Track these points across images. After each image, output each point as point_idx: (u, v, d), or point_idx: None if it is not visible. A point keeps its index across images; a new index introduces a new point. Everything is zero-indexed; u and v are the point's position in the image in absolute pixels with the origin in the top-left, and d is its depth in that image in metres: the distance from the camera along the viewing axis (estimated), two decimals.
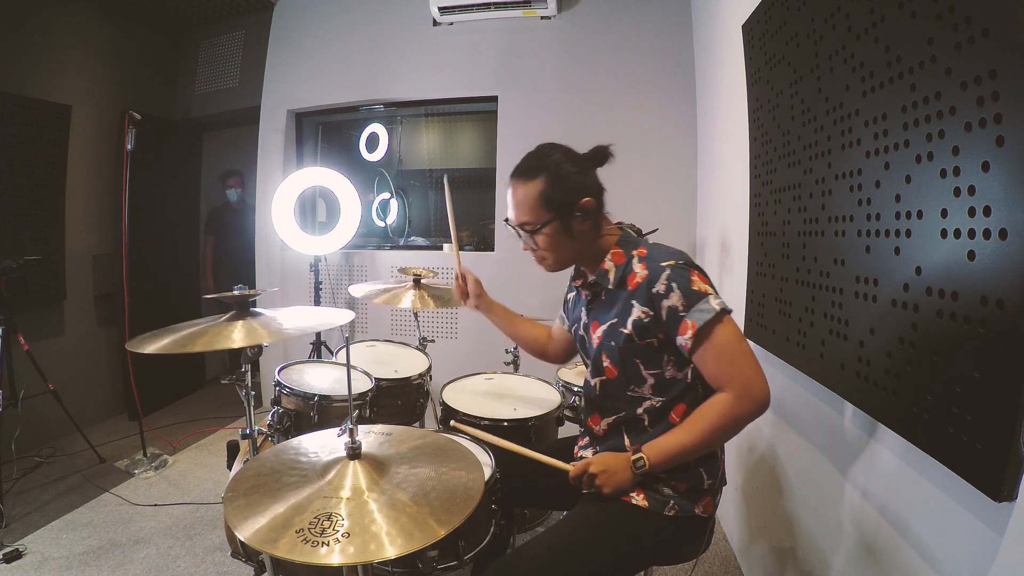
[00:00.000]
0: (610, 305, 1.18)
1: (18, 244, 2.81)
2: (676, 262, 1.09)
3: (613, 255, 1.19)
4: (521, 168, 1.19)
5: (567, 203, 1.14)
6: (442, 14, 3.10)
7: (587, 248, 1.20)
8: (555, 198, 1.14)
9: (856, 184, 1.10)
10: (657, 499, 1.14)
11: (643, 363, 1.14)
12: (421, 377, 1.99)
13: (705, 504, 1.16)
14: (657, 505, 1.13)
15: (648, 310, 1.09)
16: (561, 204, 1.14)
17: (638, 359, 1.14)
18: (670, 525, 1.13)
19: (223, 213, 4.10)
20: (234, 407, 3.68)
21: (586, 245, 1.19)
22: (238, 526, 0.83)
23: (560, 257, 1.21)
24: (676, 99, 2.90)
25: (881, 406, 1.02)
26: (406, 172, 3.74)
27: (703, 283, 1.07)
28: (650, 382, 1.14)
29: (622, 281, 1.16)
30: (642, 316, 1.10)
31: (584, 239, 1.18)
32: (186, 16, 3.80)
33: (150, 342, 1.23)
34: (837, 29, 1.16)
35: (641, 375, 1.14)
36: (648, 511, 1.13)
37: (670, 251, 1.14)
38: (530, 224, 1.17)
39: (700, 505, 1.15)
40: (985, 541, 0.79)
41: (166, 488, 2.58)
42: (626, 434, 1.19)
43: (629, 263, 1.16)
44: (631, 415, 1.18)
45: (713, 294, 1.06)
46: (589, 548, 1.10)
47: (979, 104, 0.75)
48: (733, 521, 2.14)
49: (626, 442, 1.19)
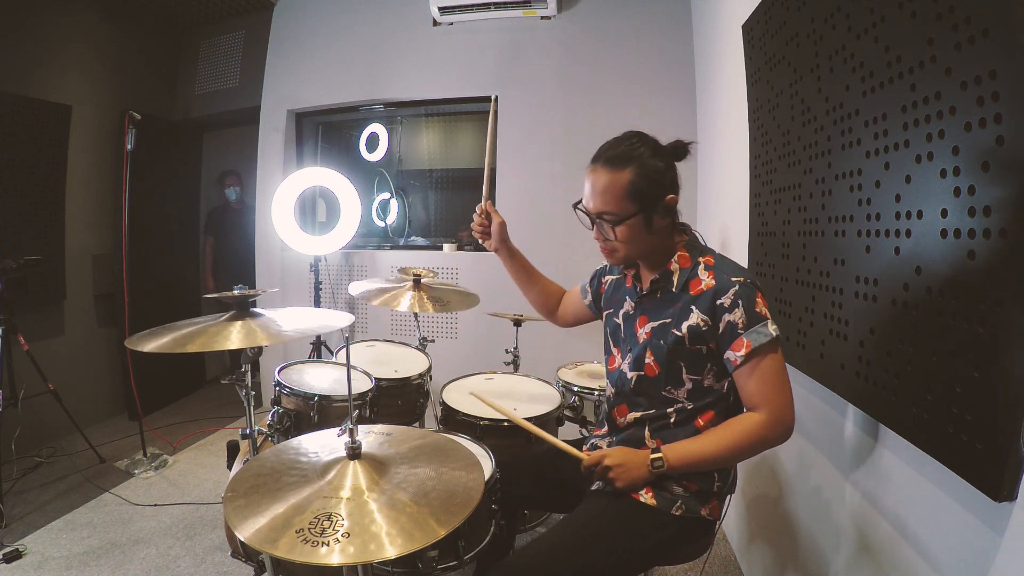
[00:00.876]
0: (666, 305, 1.17)
1: (18, 244, 2.81)
2: (745, 280, 1.08)
3: (680, 258, 1.17)
4: (608, 155, 1.12)
5: (654, 197, 1.10)
6: (442, 14, 3.10)
7: (660, 245, 1.17)
8: (643, 191, 1.09)
9: (856, 184, 1.10)
10: (666, 497, 1.14)
11: (687, 367, 1.14)
12: (421, 377, 1.99)
13: (712, 507, 1.16)
14: (665, 504, 1.13)
15: (708, 319, 1.09)
16: (648, 198, 1.10)
17: (683, 362, 1.14)
18: (675, 524, 1.13)
19: (223, 213, 4.10)
20: (234, 407, 3.68)
21: (660, 242, 1.16)
22: (238, 526, 0.83)
23: (633, 251, 1.16)
24: (676, 99, 2.90)
25: (881, 406, 1.02)
26: (406, 172, 3.74)
27: (764, 307, 1.08)
28: (687, 386, 1.15)
29: (685, 285, 1.15)
30: (700, 323, 1.10)
31: (661, 236, 1.15)
32: (186, 16, 3.80)
33: (149, 340, 1.23)
34: (837, 29, 1.16)
35: (681, 378, 1.15)
36: (655, 509, 1.13)
37: (738, 267, 1.13)
38: (611, 215, 1.11)
39: (707, 507, 1.15)
40: (985, 541, 0.79)
41: (166, 488, 2.58)
42: (649, 430, 1.20)
43: (695, 268, 1.14)
44: (660, 413, 1.18)
45: (770, 320, 1.06)
46: (594, 545, 1.10)
47: (979, 104, 0.75)
48: (733, 521, 2.14)
49: (646, 436, 1.19)
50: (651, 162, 1.10)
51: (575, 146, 3.03)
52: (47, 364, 2.67)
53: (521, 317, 2.12)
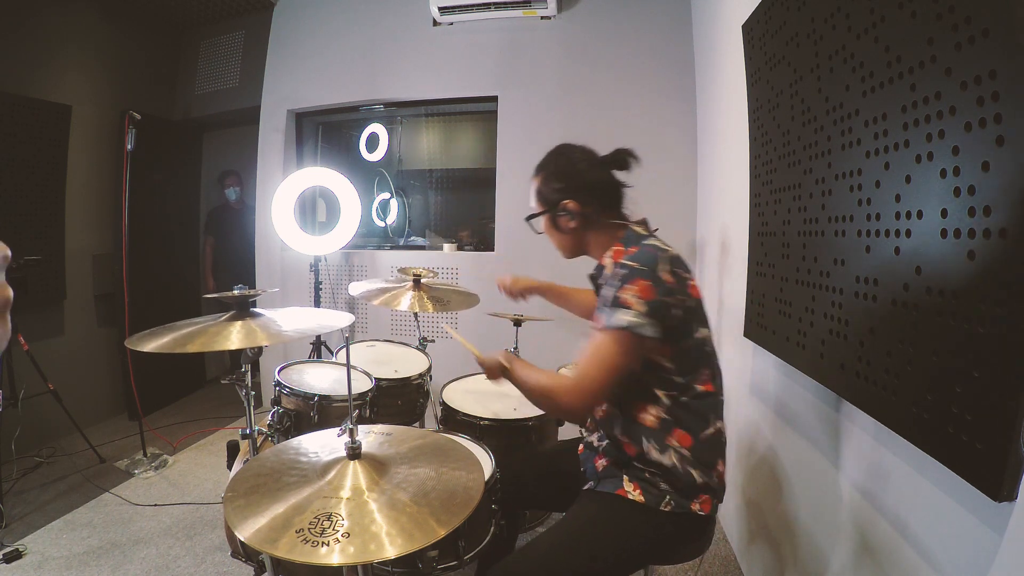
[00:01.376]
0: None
1: (18, 244, 2.79)
2: (637, 265, 1.09)
3: (615, 251, 1.21)
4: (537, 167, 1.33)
5: (553, 201, 1.26)
6: (442, 14, 3.10)
7: (579, 242, 1.29)
8: (544, 196, 1.28)
9: (856, 184, 1.10)
10: (653, 494, 1.14)
11: None
12: (421, 377, 1.99)
13: (703, 502, 1.16)
14: (653, 500, 1.14)
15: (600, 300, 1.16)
16: (548, 201, 1.27)
17: None
18: (668, 521, 1.14)
19: (223, 213, 4.10)
20: (234, 407, 3.68)
21: (577, 240, 1.28)
22: (238, 526, 0.83)
23: (557, 244, 1.32)
24: (676, 99, 2.90)
25: (881, 406, 1.02)
26: (406, 172, 3.74)
27: (639, 297, 1.05)
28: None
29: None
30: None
31: (574, 235, 1.27)
32: (186, 16, 3.80)
33: (149, 340, 1.23)
34: (837, 29, 1.16)
35: None
36: (645, 507, 1.14)
37: (648, 255, 1.12)
38: (530, 213, 1.32)
39: (697, 502, 1.15)
40: (985, 541, 0.79)
41: (166, 488, 2.58)
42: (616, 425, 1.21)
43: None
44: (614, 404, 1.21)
45: (635, 311, 1.05)
46: (592, 545, 1.11)
47: (979, 104, 0.75)
48: (733, 521, 2.14)
49: (617, 432, 1.20)
50: (557, 170, 1.27)
51: None
52: (47, 364, 2.67)
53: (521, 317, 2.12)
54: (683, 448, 1.13)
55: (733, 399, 2.13)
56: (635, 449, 1.17)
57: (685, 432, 1.13)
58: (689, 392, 1.13)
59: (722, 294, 2.30)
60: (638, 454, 1.16)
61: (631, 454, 1.18)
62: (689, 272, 1.15)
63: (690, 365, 1.13)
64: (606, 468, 1.23)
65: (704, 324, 1.16)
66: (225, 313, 1.39)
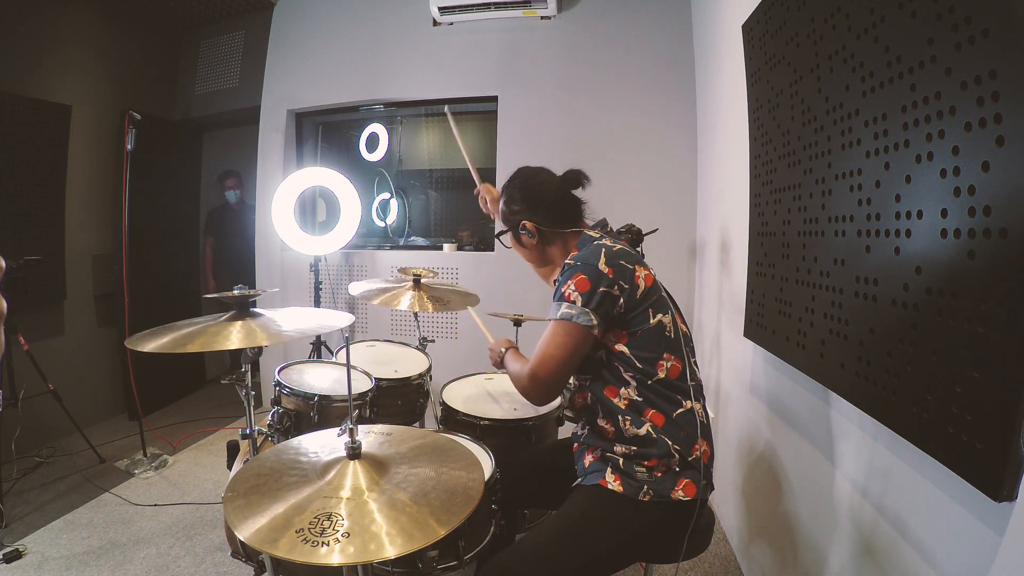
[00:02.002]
0: None
1: (18, 244, 2.81)
2: (575, 262, 1.19)
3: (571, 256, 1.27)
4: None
5: (513, 221, 1.39)
6: (442, 14, 3.10)
7: (542, 254, 1.40)
8: (506, 216, 1.42)
9: (856, 184, 1.10)
10: (631, 484, 1.16)
11: None
12: (421, 377, 1.99)
13: (685, 487, 1.15)
14: (631, 490, 1.15)
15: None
16: (509, 221, 1.41)
17: None
18: (653, 510, 1.15)
19: (223, 213, 4.10)
20: (234, 407, 3.68)
21: (539, 253, 1.40)
22: (238, 526, 0.83)
23: (525, 258, 1.45)
24: (676, 99, 2.90)
25: (881, 406, 1.02)
26: (406, 172, 3.74)
27: (578, 288, 1.15)
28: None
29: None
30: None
31: (536, 249, 1.39)
32: (186, 16, 3.80)
33: (149, 340, 1.23)
34: (837, 29, 1.16)
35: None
36: (624, 497, 1.15)
37: (590, 252, 1.20)
38: (497, 232, 1.46)
39: (679, 489, 1.15)
40: (985, 541, 0.79)
41: (166, 488, 2.58)
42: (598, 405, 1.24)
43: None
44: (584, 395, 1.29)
45: (574, 302, 1.15)
46: (580, 538, 1.13)
47: (979, 104, 0.75)
48: (733, 521, 2.14)
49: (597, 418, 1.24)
50: (513, 193, 1.40)
51: (575, 146, 3.03)
52: (47, 364, 2.67)
53: (521, 317, 2.12)
54: (657, 426, 1.17)
55: (733, 398, 2.13)
56: (613, 429, 1.20)
57: (657, 411, 1.18)
58: (652, 376, 1.17)
59: (722, 294, 2.30)
60: (616, 434, 1.20)
61: (611, 436, 1.21)
62: (637, 263, 1.20)
63: (649, 350, 1.17)
64: (592, 463, 1.25)
65: (662, 310, 1.20)
66: (225, 313, 1.39)
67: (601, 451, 1.24)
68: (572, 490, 1.26)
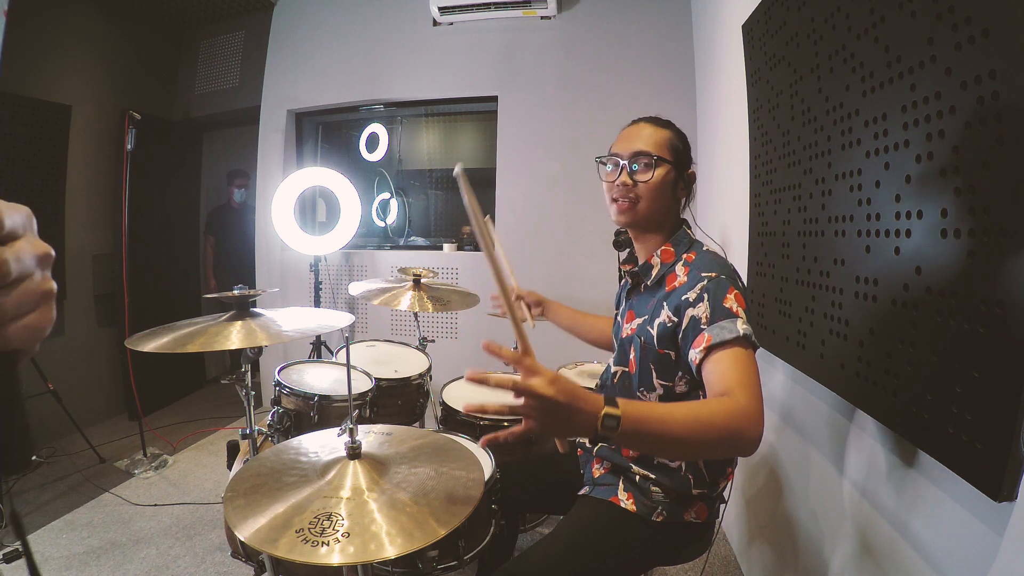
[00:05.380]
0: (647, 300, 1.17)
1: None
2: (718, 275, 1.03)
3: (663, 252, 1.16)
4: (651, 117, 1.20)
5: (684, 161, 1.16)
6: (442, 14, 3.10)
7: (667, 217, 1.17)
8: (679, 150, 1.15)
9: (856, 184, 1.10)
10: (646, 504, 1.13)
11: (656, 371, 1.11)
12: (421, 377, 1.99)
13: (698, 510, 1.15)
14: (645, 510, 1.13)
15: (673, 316, 1.05)
16: (681, 158, 1.15)
17: (653, 365, 1.11)
18: (662, 531, 1.13)
19: (223, 213, 4.10)
20: (234, 407, 3.67)
21: (664, 210, 1.16)
22: (238, 526, 0.83)
23: (650, 207, 1.14)
24: (676, 99, 2.90)
25: (881, 406, 1.02)
26: (406, 172, 3.74)
27: (738, 304, 0.98)
28: (659, 392, 1.12)
29: (662, 280, 1.14)
30: (667, 320, 1.06)
31: (675, 206, 1.18)
32: (186, 16, 3.80)
33: (149, 340, 1.23)
34: (837, 29, 1.16)
35: (652, 382, 1.12)
36: (637, 516, 1.13)
37: (717, 262, 1.08)
38: (651, 156, 1.12)
39: (692, 511, 1.14)
40: (985, 541, 0.79)
41: (166, 488, 2.58)
42: None
43: (674, 265, 1.13)
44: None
45: (742, 318, 0.97)
46: (588, 552, 1.11)
47: (979, 104, 0.75)
48: (733, 521, 2.14)
49: None
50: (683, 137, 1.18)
51: (575, 146, 3.03)
52: (47, 364, 2.67)
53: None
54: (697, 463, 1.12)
55: None
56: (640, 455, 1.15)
57: None
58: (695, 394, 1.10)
59: None
60: (640, 457, 1.15)
61: (631, 456, 1.17)
62: None
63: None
64: (603, 475, 1.22)
65: None
66: (225, 313, 1.39)
67: (614, 464, 1.20)
68: (578, 499, 1.23)
